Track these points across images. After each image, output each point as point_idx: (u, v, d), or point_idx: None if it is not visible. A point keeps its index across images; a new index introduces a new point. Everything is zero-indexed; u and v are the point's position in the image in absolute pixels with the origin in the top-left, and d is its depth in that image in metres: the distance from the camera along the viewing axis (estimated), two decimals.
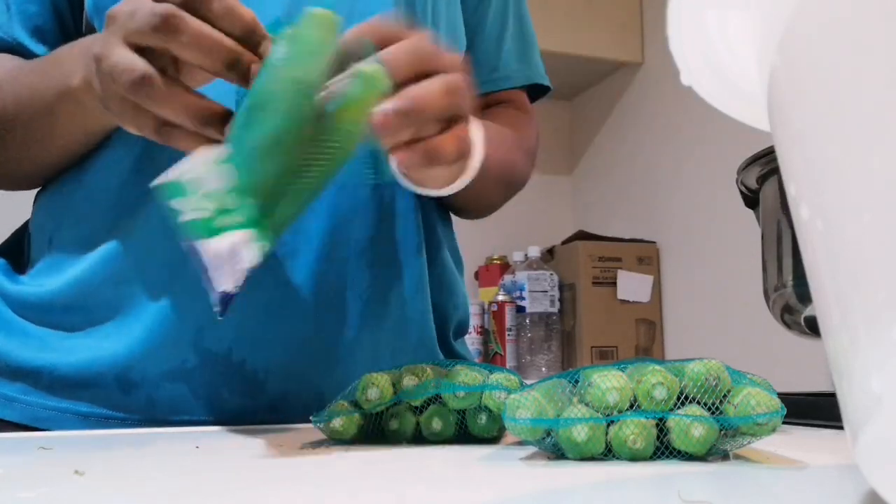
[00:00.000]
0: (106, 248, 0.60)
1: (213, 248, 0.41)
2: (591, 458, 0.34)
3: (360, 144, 0.45)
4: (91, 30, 0.65)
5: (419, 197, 0.67)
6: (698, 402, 0.35)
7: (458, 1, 0.75)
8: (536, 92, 0.84)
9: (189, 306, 0.58)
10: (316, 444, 0.42)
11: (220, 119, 0.44)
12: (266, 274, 0.59)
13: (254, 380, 0.60)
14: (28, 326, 0.61)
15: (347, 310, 0.62)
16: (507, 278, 2.16)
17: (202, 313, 0.58)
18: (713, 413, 0.34)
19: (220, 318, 0.44)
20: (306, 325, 0.61)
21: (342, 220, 0.62)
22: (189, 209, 0.42)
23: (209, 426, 0.58)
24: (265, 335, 0.60)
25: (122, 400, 0.59)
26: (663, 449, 0.34)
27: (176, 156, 0.45)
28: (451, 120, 0.48)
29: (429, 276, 0.68)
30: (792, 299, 0.59)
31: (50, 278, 0.62)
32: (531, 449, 0.39)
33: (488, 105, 0.80)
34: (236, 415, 0.60)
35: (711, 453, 0.34)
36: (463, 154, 0.50)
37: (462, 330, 0.77)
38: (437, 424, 0.43)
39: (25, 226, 0.69)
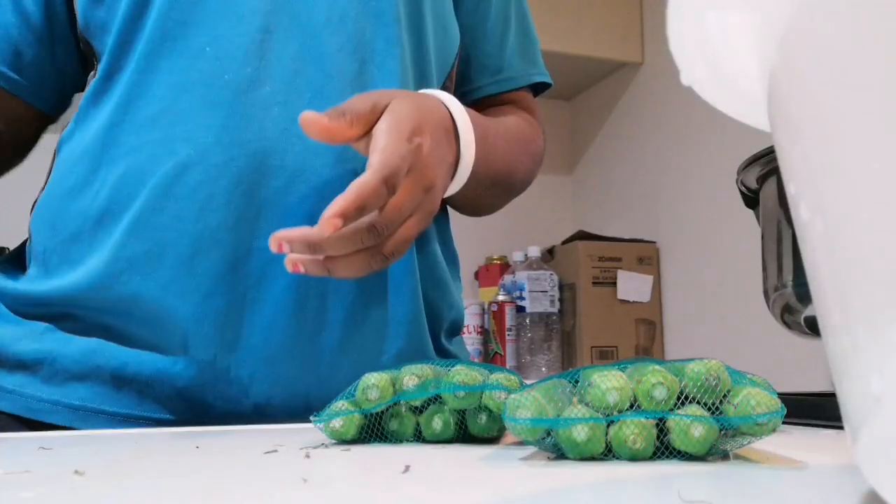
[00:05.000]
0: (94, 257, 0.60)
1: None
2: (591, 458, 0.34)
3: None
4: (88, 45, 0.66)
5: None
6: (698, 402, 0.35)
7: (448, 3, 0.75)
8: (537, 87, 0.85)
9: (176, 311, 0.58)
10: (316, 444, 0.42)
11: None
12: (248, 279, 0.59)
13: (238, 385, 0.60)
14: (24, 321, 0.62)
15: (329, 314, 0.62)
16: (507, 278, 2.16)
17: (187, 320, 0.58)
18: (713, 413, 0.34)
19: None
20: (289, 330, 0.60)
21: None
22: None
23: (209, 426, 0.58)
24: (248, 341, 0.60)
25: (114, 395, 0.59)
26: (663, 449, 0.34)
27: (158, 153, 0.45)
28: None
29: (419, 271, 0.67)
30: (792, 299, 0.59)
31: (44, 281, 0.62)
32: (531, 449, 0.39)
33: (493, 105, 0.80)
34: (221, 419, 0.60)
35: (711, 453, 0.34)
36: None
37: (456, 329, 0.76)
38: (437, 424, 0.43)
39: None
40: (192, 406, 0.60)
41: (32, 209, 0.67)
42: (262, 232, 0.60)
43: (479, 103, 0.80)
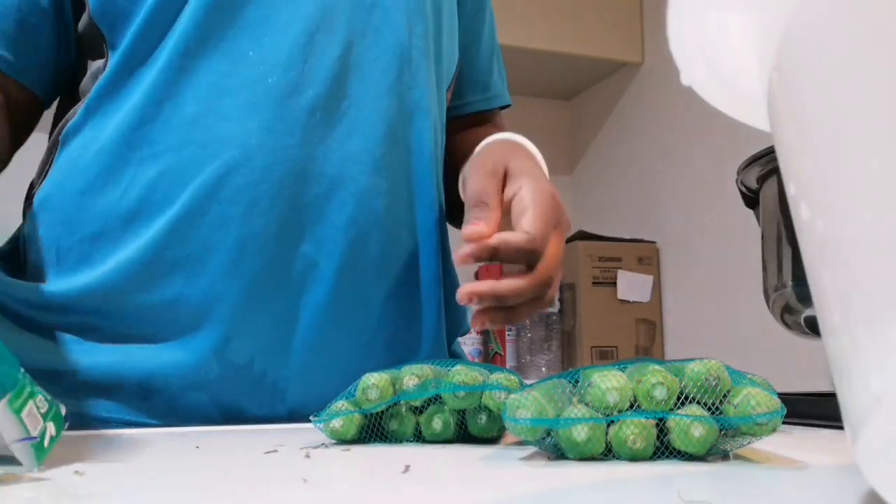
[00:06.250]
0: (124, 257, 0.59)
1: None
2: (591, 458, 0.34)
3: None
4: (95, 31, 0.64)
5: (438, 210, 0.69)
6: (698, 402, 0.35)
7: (456, 19, 0.76)
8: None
9: (216, 315, 0.58)
10: (316, 444, 0.42)
11: None
12: (289, 284, 0.60)
13: (273, 390, 0.60)
14: (44, 329, 0.60)
15: (366, 320, 0.63)
16: None
17: (227, 323, 0.58)
18: (713, 413, 0.34)
19: None
20: (325, 335, 0.61)
21: (361, 233, 0.62)
22: None
23: (210, 426, 0.58)
24: (285, 346, 0.60)
25: (142, 406, 0.59)
26: (663, 449, 0.34)
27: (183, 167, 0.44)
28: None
29: (443, 284, 0.69)
30: (792, 299, 0.59)
31: (58, 282, 0.61)
32: (531, 449, 0.39)
33: (476, 123, 0.83)
34: (255, 424, 0.60)
35: (711, 453, 0.34)
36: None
37: (463, 334, 0.78)
38: (437, 424, 0.43)
39: (17, 236, 0.67)
40: (225, 412, 0.60)
41: (28, 205, 0.65)
42: (305, 238, 0.60)
43: (465, 119, 0.82)
